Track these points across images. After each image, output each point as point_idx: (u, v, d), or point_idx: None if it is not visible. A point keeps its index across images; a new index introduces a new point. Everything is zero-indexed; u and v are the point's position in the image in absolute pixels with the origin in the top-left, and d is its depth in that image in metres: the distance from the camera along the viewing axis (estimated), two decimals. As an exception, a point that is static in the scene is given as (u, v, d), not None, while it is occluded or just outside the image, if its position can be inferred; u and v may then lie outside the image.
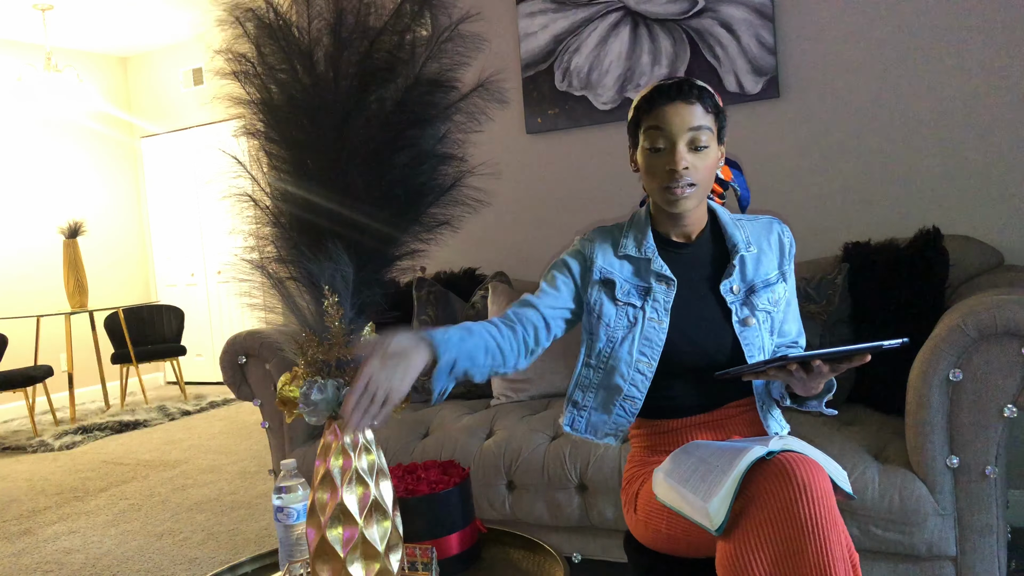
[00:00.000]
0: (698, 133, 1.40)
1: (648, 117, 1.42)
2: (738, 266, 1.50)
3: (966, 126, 2.57)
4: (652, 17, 2.97)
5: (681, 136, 1.40)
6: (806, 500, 1.17)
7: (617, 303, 1.51)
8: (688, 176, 1.41)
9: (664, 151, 1.42)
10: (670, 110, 1.40)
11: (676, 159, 1.40)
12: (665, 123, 1.40)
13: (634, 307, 1.50)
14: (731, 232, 1.52)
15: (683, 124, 1.40)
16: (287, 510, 1.45)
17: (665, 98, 1.40)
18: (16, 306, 6.32)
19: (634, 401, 1.50)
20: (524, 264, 3.29)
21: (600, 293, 1.52)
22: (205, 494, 3.63)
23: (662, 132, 1.41)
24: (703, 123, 1.41)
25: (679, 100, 1.40)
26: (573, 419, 1.56)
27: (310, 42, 1.14)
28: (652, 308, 1.49)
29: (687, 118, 1.40)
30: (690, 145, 1.41)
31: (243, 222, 1.18)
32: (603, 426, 1.54)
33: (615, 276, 1.52)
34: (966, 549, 1.78)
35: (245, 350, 2.61)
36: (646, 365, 1.48)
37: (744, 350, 1.48)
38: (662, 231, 1.54)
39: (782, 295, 1.53)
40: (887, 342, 1.22)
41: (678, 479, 1.34)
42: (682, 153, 1.40)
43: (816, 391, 1.38)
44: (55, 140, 6.68)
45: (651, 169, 1.44)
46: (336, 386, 1.16)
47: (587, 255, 1.54)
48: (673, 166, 1.40)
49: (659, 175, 1.43)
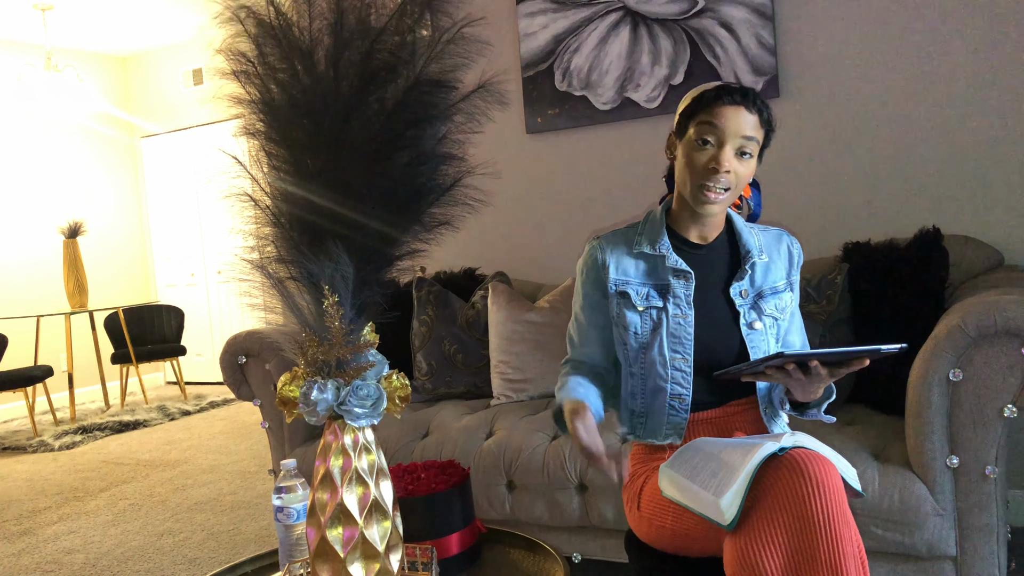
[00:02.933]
0: (748, 143, 1.42)
1: (706, 111, 1.43)
2: (749, 271, 1.52)
3: (966, 126, 2.57)
4: (652, 17, 2.97)
5: (733, 139, 1.42)
6: (819, 496, 1.17)
7: (639, 310, 1.52)
8: (726, 180, 1.42)
9: (710, 147, 1.43)
10: (731, 111, 1.41)
11: (721, 159, 1.41)
12: (722, 122, 1.42)
13: (656, 308, 1.51)
14: (746, 239, 1.55)
15: (738, 129, 1.41)
16: (287, 510, 1.45)
17: (729, 98, 1.42)
18: (16, 306, 6.31)
19: (682, 398, 1.51)
20: (524, 264, 3.29)
21: (620, 306, 1.54)
22: (205, 494, 3.63)
23: (715, 129, 1.42)
24: (755, 135, 1.43)
25: (742, 105, 1.42)
26: (634, 427, 1.57)
27: (311, 42, 1.14)
28: (674, 304, 1.51)
29: (743, 124, 1.42)
30: (737, 151, 1.42)
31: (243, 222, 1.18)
32: (661, 428, 1.54)
33: (630, 285, 1.53)
34: (966, 549, 1.78)
35: (245, 350, 2.61)
36: (681, 360, 1.50)
37: (750, 352, 1.49)
38: (679, 231, 1.55)
39: (788, 304, 1.55)
40: (885, 346, 1.23)
41: (687, 474, 1.34)
42: (728, 155, 1.42)
43: (815, 396, 1.39)
44: (55, 140, 6.68)
45: (693, 162, 1.45)
46: (336, 386, 1.16)
47: (600, 267, 1.56)
48: (716, 165, 1.41)
49: (699, 170, 1.44)
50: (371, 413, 1.17)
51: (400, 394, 1.21)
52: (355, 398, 1.16)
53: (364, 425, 1.18)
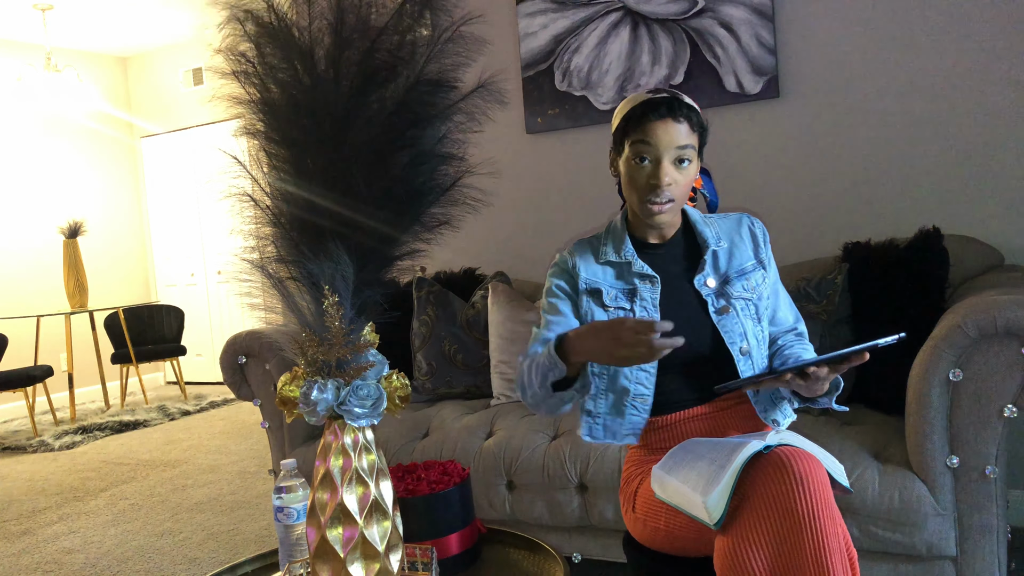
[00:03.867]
0: (683, 151, 1.46)
1: (637, 131, 1.47)
2: (710, 260, 1.56)
3: (966, 126, 2.57)
4: (652, 17, 2.97)
5: (667, 153, 1.45)
6: (802, 492, 1.18)
7: (607, 309, 1.55)
8: (669, 192, 1.46)
9: (648, 165, 1.47)
10: (660, 127, 1.45)
11: (660, 175, 1.45)
12: (653, 139, 1.45)
13: (624, 310, 1.54)
14: (701, 230, 1.59)
15: (671, 142, 1.45)
16: (287, 510, 1.45)
17: (655, 114, 1.45)
18: (16, 306, 6.31)
19: (644, 398, 1.53)
20: (524, 264, 3.29)
21: (589, 303, 1.56)
22: (205, 494, 3.63)
23: (649, 147, 1.46)
24: (689, 142, 1.46)
25: (668, 118, 1.45)
26: (591, 428, 1.58)
27: (310, 42, 1.14)
28: (641, 307, 1.53)
29: (675, 137, 1.45)
30: (675, 162, 1.46)
31: (243, 222, 1.17)
32: (620, 428, 1.56)
33: (601, 284, 1.57)
34: (966, 549, 1.78)
35: (245, 350, 2.61)
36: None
37: (724, 337, 1.51)
38: (639, 235, 1.60)
39: (761, 282, 1.57)
40: (882, 340, 1.24)
41: (676, 475, 1.36)
42: (666, 169, 1.45)
43: (820, 392, 1.39)
44: (55, 140, 6.68)
45: (634, 180, 1.49)
46: (336, 386, 1.16)
47: (571, 270, 1.60)
48: (656, 181, 1.46)
49: (641, 187, 1.48)
50: (371, 413, 1.17)
51: (400, 394, 1.22)
52: (355, 398, 1.16)
53: (364, 425, 1.18)
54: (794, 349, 1.60)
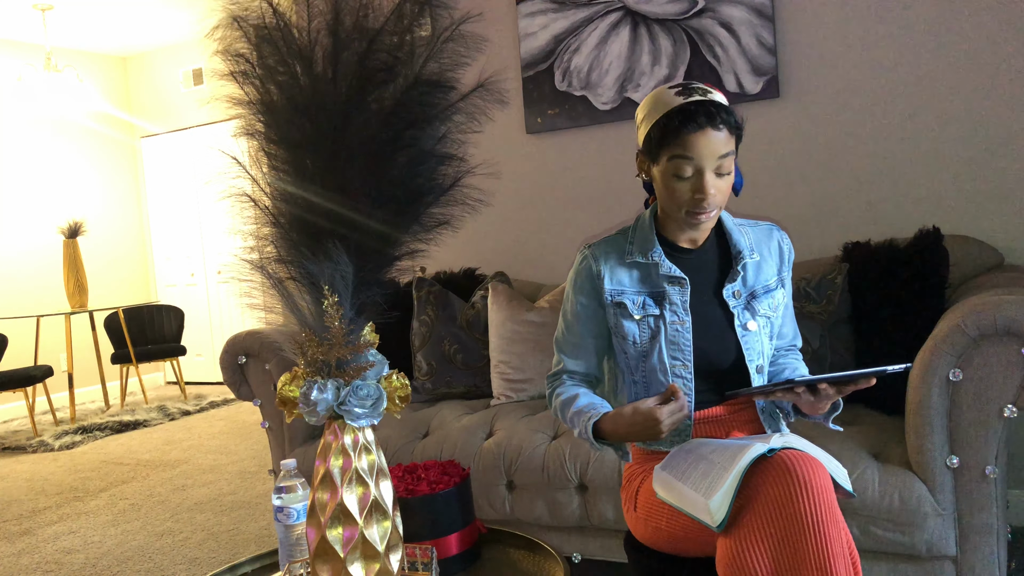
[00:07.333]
0: (725, 160, 1.40)
1: (675, 143, 1.39)
2: (742, 272, 1.51)
3: (966, 126, 2.57)
4: (652, 17, 2.97)
5: (709, 163, 1.39)
6: (806, 496, 1.18)
7: (635, 319, 1.51)
8: (713, 202, 1.41)
9: (690, 178, 1.40)
10: (700, 140, 1.37)
11: (705, 187, 1.39)
12: (694, 152, 1.38)
13: (654, 316, 1.50)
14: (736, 239, 1.53)
15: (712, 153, 1.38)
16: (287, 510, 1.45)
17: (694, 124, 1.37)
18: (16, 306, 6.31)
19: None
20: (524, 264, 3.29)
21: (616, 315, 1.53)
22: (205, 494, 3.63)
23: (690, 161, 1.39)
24: (728, 149, 1.39)
25: (708, 127, 1.37)
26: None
27: (309, 42, 1.14)
28: (671, 311, 1.49)
29: (716, 147, 1.38)
30: (716, 172, 1.40)
31: (243, 222, 1.18)
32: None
33: (625, 295, 1.52)
34: (966, 549, 1.78)
35: (245, 350, 2.61)
36: (682, 367, 1.49)
37: (745, 354, 1.49)
38: (669, 236, 1.54)
39: (781, 300, 1.55)
40: (891, 367, 1.25)
41: (679, 476, 1.35)
42: (710, 180, 1.39)
43: (822, 411, 1.39)
44: (55, 140, 6.68)
45: (675, 194, 1.43)
46: (336, 386, 1.16)
47: (595, 278, 1.55)
48: (701, 194, 1.40)
49: (684, 200, 1.42)
50: (371, 413, 1.17)
51: (400, 394, 1.21)
52: (355, 398, 1.16)
53: (364, 425, 1.18)
54: (788, 360, 1.60)
